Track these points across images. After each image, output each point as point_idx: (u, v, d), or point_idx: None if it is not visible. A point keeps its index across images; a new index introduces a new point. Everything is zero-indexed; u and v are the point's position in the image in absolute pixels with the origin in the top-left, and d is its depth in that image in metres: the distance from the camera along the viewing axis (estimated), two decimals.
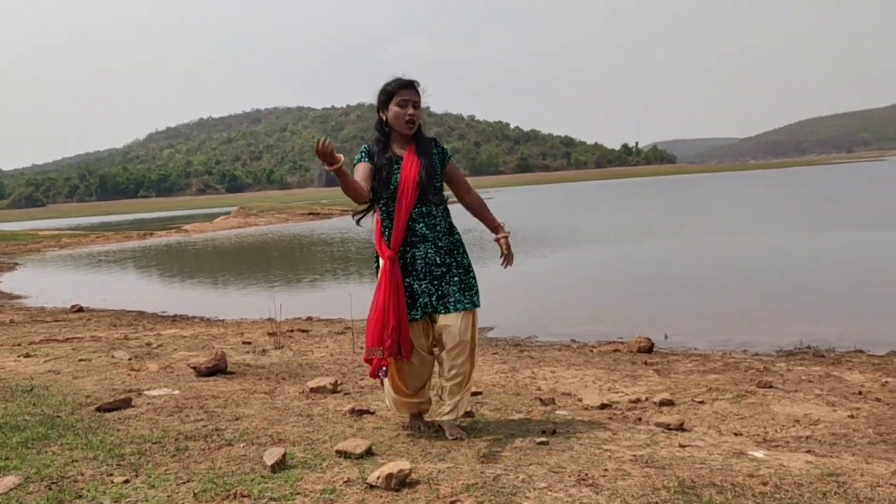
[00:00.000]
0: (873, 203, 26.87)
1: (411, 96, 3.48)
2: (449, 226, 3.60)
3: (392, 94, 3.49)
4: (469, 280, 3.56)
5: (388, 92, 3.50)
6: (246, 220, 41.00)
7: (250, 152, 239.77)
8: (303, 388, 4.96)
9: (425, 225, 3.50)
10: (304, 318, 9.69)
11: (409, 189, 3.45)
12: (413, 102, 3.48)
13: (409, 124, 3.49)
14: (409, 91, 3.48)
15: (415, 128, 3.52)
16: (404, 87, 3.48)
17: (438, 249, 3.51)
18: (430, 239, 3.50)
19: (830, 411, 4.05)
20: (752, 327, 7.64)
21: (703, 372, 5.43)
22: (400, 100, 3.46)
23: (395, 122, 3.51)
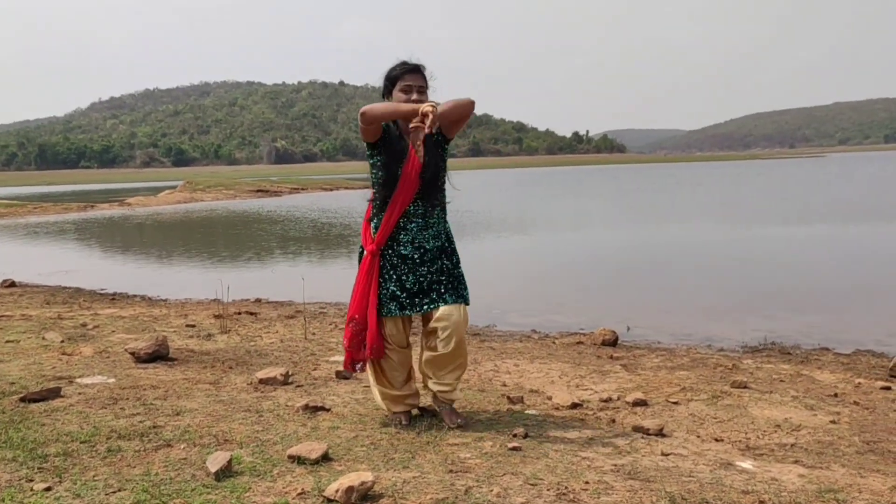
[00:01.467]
0: (821, 198, 27.37)
1: (416, 81, 3.29)
2: (444, 231, 3.44)
3: (396, 79, 3.31)
4: (458, 281, 3.45)
5: (391, 77, 3.33)
6: (192, 195, 39.89)
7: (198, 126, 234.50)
8: (251, 378, 4.60)
9: (417, 225, 3.34)
10: (252, 299, 9.27)
11: (410, 185, 3.28)
12: (418, 88, 3.28)
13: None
14: (414, 76, 3.29)
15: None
16: (409, 71, 3.29)
17: (425, 252, 3.36)
18: (419, 240, 3.35)
19: (811, 416, 3.87)
20: (713, 321, 7.51)
21: (672, 368, 5.24)
22: (404, 85, 3.28)
23: None
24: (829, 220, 18.62)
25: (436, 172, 3.31)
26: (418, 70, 3.31)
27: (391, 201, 3.28)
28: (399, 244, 3.34)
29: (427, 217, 3.34)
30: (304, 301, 8.34)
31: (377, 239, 3.32)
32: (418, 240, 3.33)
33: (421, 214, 3.33)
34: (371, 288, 3.33)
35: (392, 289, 3.34)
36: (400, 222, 3.31)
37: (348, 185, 51.65)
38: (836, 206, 23.42)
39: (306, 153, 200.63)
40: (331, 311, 8.25)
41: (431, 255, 3.35)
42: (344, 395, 4.22)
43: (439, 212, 3.40)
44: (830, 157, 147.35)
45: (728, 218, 20.45)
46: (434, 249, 3.37)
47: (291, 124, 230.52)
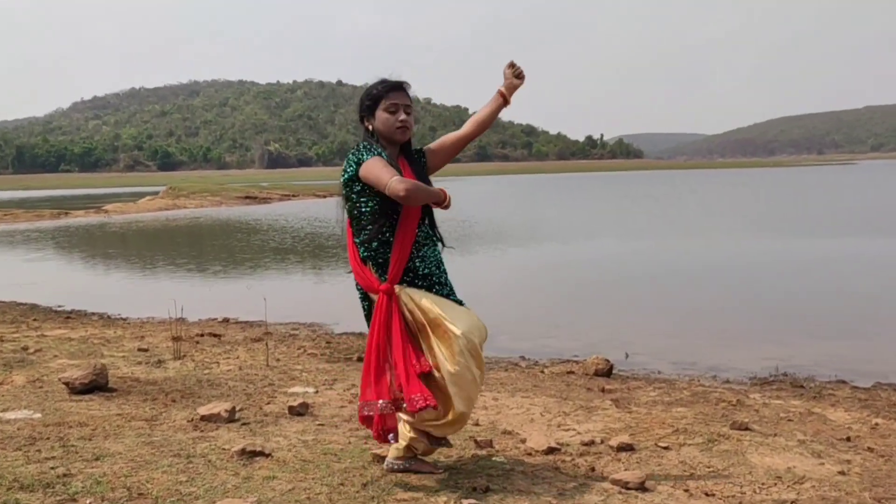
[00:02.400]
0: (849, 211, 27.12)
1: (401, 100, 3.22)
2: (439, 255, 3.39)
3: (378, 98, 3.22)
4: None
5: (373, 97, 3.24)
6: (174, 201, 39.80)
7: (186, 127, 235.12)
8: (193, 414, 4.39)
9: (429, 248, 3.31)
10: (219, 319, 9.08)
11: (415, 210, 3.21)
12: (404, 107, 3.23)
13: (401, 131, 3.23)
14: (399, 94, 3.23)
15: (409, 135, 3.28)
16: (392, 89, 3.22)
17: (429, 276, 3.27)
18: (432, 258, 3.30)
19: (817, 465, 3.64)
20: (721, 347, 7.30)
21: (669, 404, 5.01)
22: (389, 104, 3.20)
23: (384, 129, 3.23)
24: (855, 233, 18.37)
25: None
26: (402, 88, 3.24)
27: (399, 229, 3.16)
28: (416, 269, 3.23)
29: (432, 238, 3.34)
30: (273, 322, 8.14)
31: (391, 276, 3.16)
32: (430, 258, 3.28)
33: (428, 236, 3.32)
34: (402, 328, 3.14)
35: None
36: (413, 249, 3.22)
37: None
38: (863, 218, 23.16)
39: (301, 157, 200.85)
40: (302, 334, 8.05)
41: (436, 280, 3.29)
42: (292, 436, 4.00)
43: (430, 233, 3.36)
44: (861, 164, 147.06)
45: (744, 231, 20.21)
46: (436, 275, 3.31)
47: (285, 126, 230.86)
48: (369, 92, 3.25)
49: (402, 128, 3.21)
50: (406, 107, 3.22)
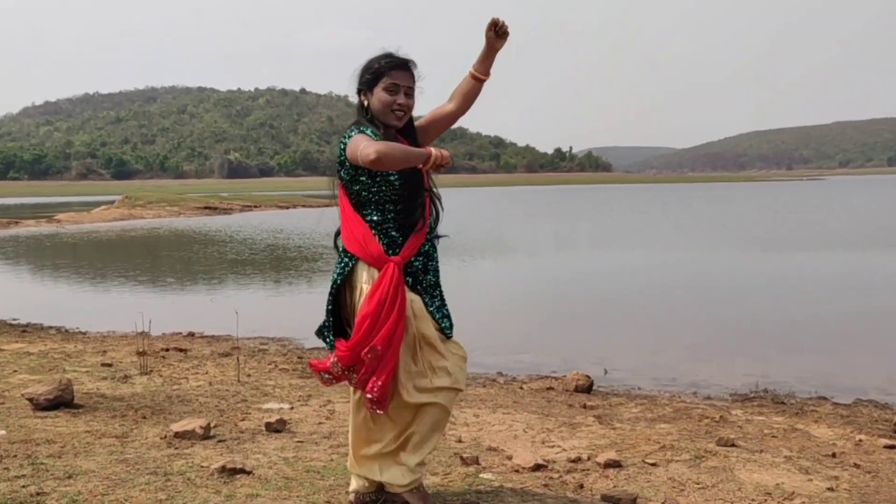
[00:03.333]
0: (821, 227, 27.65)
1: (404, 80, 2.98)
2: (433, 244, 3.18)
3: (380, 74, 2.96)
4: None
5: (375, 71, 2.97)
6: (131, 211, 39.33)
7: (142, 135, 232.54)
8: (166, 431, 4.35)
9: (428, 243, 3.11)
10: (184, 333, 8.99)
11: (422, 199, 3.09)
12: (406, 89, 2.98)
13: (396, 115, 2.99)
14: (402, 74, 2.97)
15: (405, 120, 3.04)
16: (396, 67, 2.97)
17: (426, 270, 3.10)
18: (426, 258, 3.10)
19: (805, 480, 3.71)
20: (700, 363, 7.40)
21: (652, 420, 5.07)
22: (390, 83, 2.95)
23: (379, 110, 2.99)
24: (829, 249, 18.73)
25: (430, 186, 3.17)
26: (408, 67, 2.99)
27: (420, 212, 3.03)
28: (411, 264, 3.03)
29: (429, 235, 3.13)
30: (242, 336, 8.09)
31: (404, 252, 2.97)
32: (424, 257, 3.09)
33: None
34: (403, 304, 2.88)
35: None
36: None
37: (306, 202, 51.32)
38: (835, 234, 23.63)
39: (262, 167, 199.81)
40: (272, 349, 8.01)
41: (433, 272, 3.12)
42: (272, 452, 3.98)
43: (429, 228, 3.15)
44: (830, 179, 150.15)
45: (720, 246, 20.52)
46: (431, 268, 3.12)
47: (247, 135, 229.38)
48: (370, 65, 3.00)
49: (399, 111, 2.99)
50: (407, 89, 2.99)
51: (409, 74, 2.99)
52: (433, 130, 3.21)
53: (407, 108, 3.00)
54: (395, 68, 2.96)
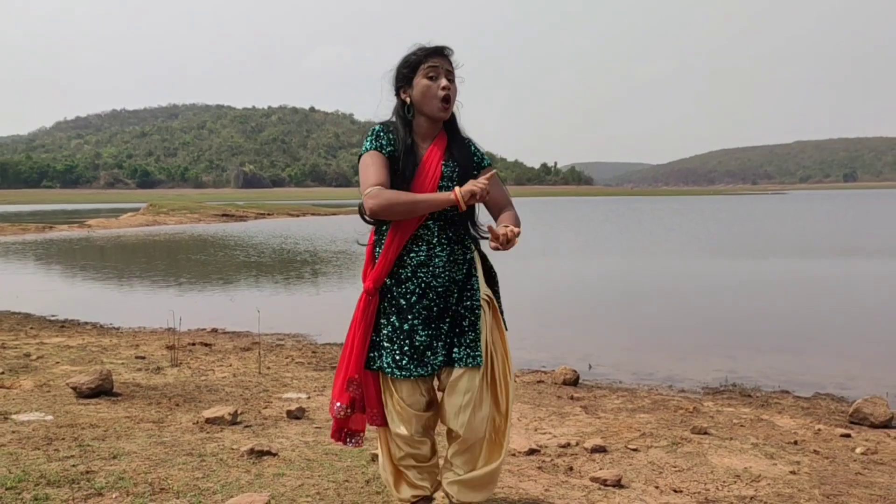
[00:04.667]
0: (784, 235, 27.78)
1: (443, 64, 2.56)
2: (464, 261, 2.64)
3: (417, 64, 2.56)
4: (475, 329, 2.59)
5: (411, 63, 2.57)
6: (155, 217, 39.31)
7: (165, 148, 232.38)
8: (198, 417, 4.42)
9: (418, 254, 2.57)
10: (208, 329, 9.05)
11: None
12: (446, 72, 2.56)
13: (443, 102, 2.55)
14: (440, 59, 2.56)
15: (451, 108, 2.59)
16: (432, 54, 2.56)
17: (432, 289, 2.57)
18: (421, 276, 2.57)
19: (770, 465, 3.80)
20: (675, 360, 7.47)
21: (633, 410, 5.15)
22: (428, 67, 2.54)
23: (423, 100, 2.55)
24: (792, 256, 18.84)
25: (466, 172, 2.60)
26: (443, 52, 2.57)
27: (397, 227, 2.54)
28: (401, 281, 2.58)
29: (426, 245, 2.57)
30: (260, 332, 8.15)
31: (376, 273, 2.56)
32: (421, 273, 2.57)
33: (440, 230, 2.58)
34: (366, 333, 2.61)
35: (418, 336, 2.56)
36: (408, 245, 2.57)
37: (315, 211, 51.39)
38: (798, 242, 23.75)
39: (274, 178, 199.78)
40: (288, 344, 8.07)
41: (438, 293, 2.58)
42: (293, 437, 4.05)
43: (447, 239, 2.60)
44: (791, 193, 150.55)
45: (694, 252, 20.61)
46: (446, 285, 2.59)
47: (260, 149, 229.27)
48: (406, 59, 2.59)
49: (445, 97, 2.54)
50: (448, 72, 2.56)
51: (446, 59, 2.59)
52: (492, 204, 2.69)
53: (451, 93, 2.56)
54: (431, 55, 2.57)
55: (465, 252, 2.65)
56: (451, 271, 2.60)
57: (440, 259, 2.57)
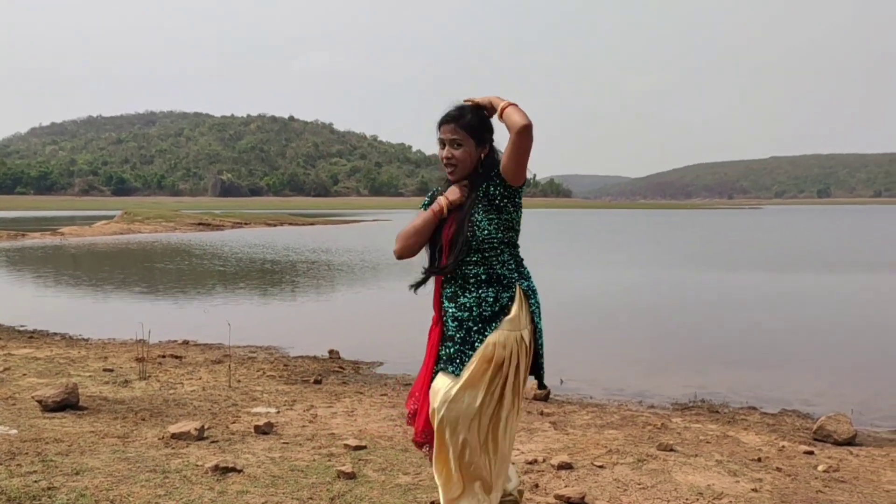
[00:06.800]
0: (757, 250, 28.09)
1: (445, 134, 2.78)
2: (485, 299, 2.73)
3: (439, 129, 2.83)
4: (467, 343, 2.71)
5: (438, 127, 2.83)
6: (129, 226, 38.96)
7: (141, 155, 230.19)
8: (163, 432, 4.39)
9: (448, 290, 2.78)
10: (180, 341, 8.98)
11: (445, 250, 2.77)
12: (450, 141, 2.77)
13: (448, 168, 2.81)
14: (445, 127, 2.78)
15: (457, 172, 2.78)
16: (441, 123, 2.80)
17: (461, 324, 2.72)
18: (451, 312, 2.76)
19: (733, 482, 3.85)
20: (645, 375, 7.54)
21: (601, 426, 5.19)
22: (439, 139, 2.81)
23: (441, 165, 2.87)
24: (764, 271, 19.07)
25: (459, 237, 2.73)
26: (447, 121, 2.77)
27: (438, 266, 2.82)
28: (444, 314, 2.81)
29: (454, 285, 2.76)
30: (233, 345, 8.10)
31: (434, 307, 2.85)
32: (451, 309, 2.76)
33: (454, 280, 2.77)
34: (430, 359, 2.81)
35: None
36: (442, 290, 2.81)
37: (293, 220, 51.19)
38: (769, 257, 24.04)
39: (252, 187, 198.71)
40: (260, 356, 8.03)
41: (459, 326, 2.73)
42: (260, 453, 4.04)
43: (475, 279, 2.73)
44: (766, 208, 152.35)
45: (666, 266, 20.79)
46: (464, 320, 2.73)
47: (238, 157, 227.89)
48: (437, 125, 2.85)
49: (447, 166, 2.80)
50: (452, 141, 2.76)
51: (451, 127, 2.77)
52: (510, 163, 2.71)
53: (450, 160, 2.78)
54: (441, 125, 2.80)
55: (501, 291, 2.75)
56: (481, 308, 2.72)
57: (466, 299, 2.73)
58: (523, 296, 2.79)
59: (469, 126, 2.75)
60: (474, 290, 2.73)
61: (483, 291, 2.72)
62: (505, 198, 2.73)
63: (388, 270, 18.66)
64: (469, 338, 2.69)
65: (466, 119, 2.76)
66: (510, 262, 2.77)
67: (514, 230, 2.80)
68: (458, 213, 2.77)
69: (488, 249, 2.73)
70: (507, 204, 2.74)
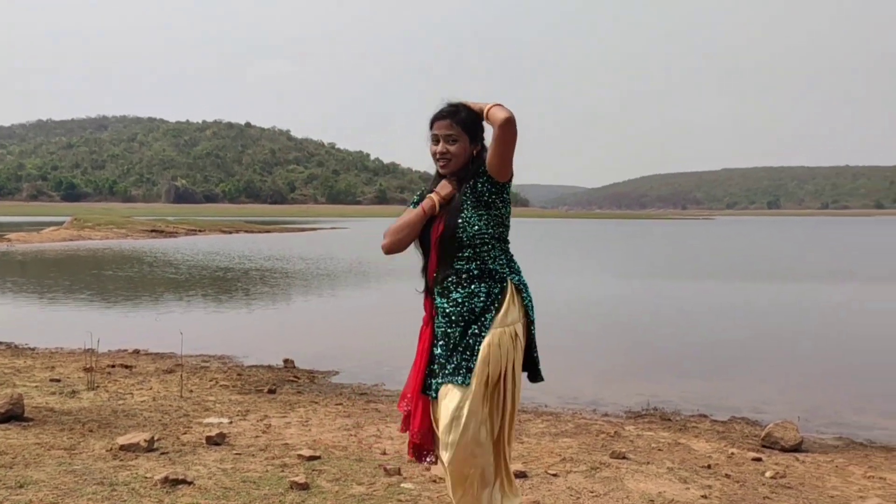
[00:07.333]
0: (709, 258, 28.63)
1: (440, 129, 2.84)
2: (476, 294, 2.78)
3: (430, 129, 2.89)
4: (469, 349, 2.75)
5: (430, 124, 2.90)
6: (79, 232, 38.09)
7: (92, 160, 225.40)
8: (112, 444, 4.30)
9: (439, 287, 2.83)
10: (130, 350, 8.80)
11: (433, 247, 2.83)
12: (444, 136, 2.83)
13: (440, 163, 2.86)
14: (438, 124, 2.85)
15: (450, 167, 2.84)
16: (435, 119, 2.87)
17: (452, 321, 2.78)
18: (443, 308, 2.82)
19: (683, 489, 3.91)
20: (599, 384, 7.62)
21: (555, 435, 5.23)
22: (432, 135, 2.87)
23: (433, 160, 2.91)
24: (716, 280, 19.43)
25: (448, 233, 2.78)
26: (443, 116, 2.84)
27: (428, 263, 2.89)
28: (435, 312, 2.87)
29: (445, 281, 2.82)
30: (185, 354, 7.97)
31: (426, 307, 2.91)
32: (445, 307, 2.81)
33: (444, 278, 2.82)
34: (422, 357, 2.90)
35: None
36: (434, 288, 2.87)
37: (249, 228, 50.65)
38: (721, 266, 24.52)
39: (208, 193, 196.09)
40: (214, 366, 7.92)
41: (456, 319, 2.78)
42: (211, 464, 3.98)
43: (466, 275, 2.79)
44: (718, 219, 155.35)
45: (620, 276, 21.07)
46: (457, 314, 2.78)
47: (193, 163, 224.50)
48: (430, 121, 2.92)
49: (441, 161, 2.85)
50: (447, 136, 2.82)
51: (445, 123, 2.84)
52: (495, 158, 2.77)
53: (444, 155, 2.83)
54: (434, 121, 2.87)
55: (492, 286, 2.80)
56: (472, 303, 2.77)
57: (459, 294, 2.78)
58: (515, 290, 2.85)
59: (464, 122, 2.83)
60: (467, 286, 2.78)
61: (476, 286, 2.78)
62: (493, 194, 2.80)
63: (344, 279, 18.56)
64: (470, 342, 2.73)
65: (462, 115, 2.83)
66: (501, 258, 2.85)
67: (503, 225, 2.87)
68: (447, 210, 2.81)
69: (480, 245, 2.79)
70: (496, 200, 2.81)
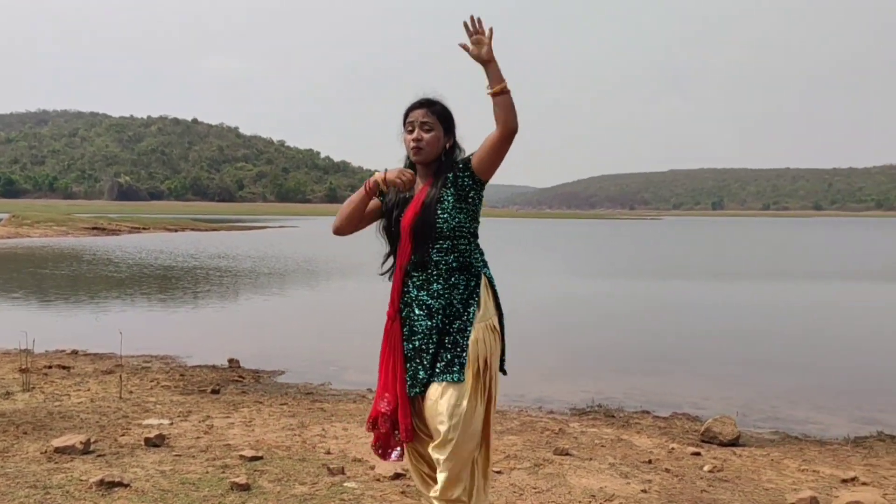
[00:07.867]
0: (654, 257, 29.15)
1: (416, 117, 2.83)
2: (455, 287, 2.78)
3: (405, 119, 2.88)
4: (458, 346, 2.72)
5: (403, 117, 2.89)
6: (17, 230, 36.99)
7: (32, 155, 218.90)
8: (46, 446, 4.18)
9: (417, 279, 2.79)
10: (68, 350, 8.58)
11: (405, 237, 2.80)
12: (420, 124, 2.82)
13: (413, 150, 2.83)
14: (416, 112, 2.84)
15: (423, 154, 2.82)
16: (412, 108, 2.86)
17: (432, 313, 2.75)
18: (422, 300, 2.77)
19: (624, 484, 3.98)
20: (546, 382, 7.68)
21: (501, 433, 5.27)
22: (408, 123, 2.85)
23: (406, 150, 2.88)
24: (660, 279, 19.81)
25: (426, 218, 2.76)
26: (422, 105, 2.85)
27: (397, 254, 2.86)
28: (407, 306, 2.82)
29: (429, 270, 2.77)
30: (125, 354, 7.80)
31: (391, 301, 2.84)
32: (422, 299, 2.77)
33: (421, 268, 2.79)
34: (397, 355, 2.81)
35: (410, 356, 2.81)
36: (404, 279, 2.82)
37: (195, 226, 49.80)
38: (664, 265, 25.01)
39: (152, 190, 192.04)
40: (155, 366, 7.76)
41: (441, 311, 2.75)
42: (149, 466, 3.91)
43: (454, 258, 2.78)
44: (665, 219, 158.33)
45: (567, 273, 21.32)
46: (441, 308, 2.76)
47: (138, 160, 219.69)
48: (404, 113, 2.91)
49: (415, 147, 2.82)
50: (423, 124, 2.82)
51: (423, 111, 2.84)
52: (487, 159, 2.80)
53: (419, 142, 2.81)
54: (411, 109, 2.87)
55: (469, 279, 2.81)
56: (452, 295, 2.77)
57: (439, 286, 2.77)
58: (488, 284, 2.87)
59: (439, 113, 2.85)
60: (447, 277, 2.77)
61: (455, 278, 2.78)
62: (473, 190, 2.82)
63: (291, 278, 18.38)
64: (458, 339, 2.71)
65: (437, 107, 2.86)
66: (476, 251, 2.87)
67: (477, 220, 2.90)
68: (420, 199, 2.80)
69: (458, 238, 2.80)
70: (475, 196, 2.84)
